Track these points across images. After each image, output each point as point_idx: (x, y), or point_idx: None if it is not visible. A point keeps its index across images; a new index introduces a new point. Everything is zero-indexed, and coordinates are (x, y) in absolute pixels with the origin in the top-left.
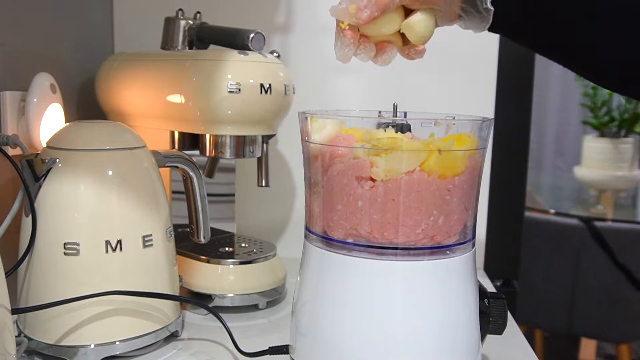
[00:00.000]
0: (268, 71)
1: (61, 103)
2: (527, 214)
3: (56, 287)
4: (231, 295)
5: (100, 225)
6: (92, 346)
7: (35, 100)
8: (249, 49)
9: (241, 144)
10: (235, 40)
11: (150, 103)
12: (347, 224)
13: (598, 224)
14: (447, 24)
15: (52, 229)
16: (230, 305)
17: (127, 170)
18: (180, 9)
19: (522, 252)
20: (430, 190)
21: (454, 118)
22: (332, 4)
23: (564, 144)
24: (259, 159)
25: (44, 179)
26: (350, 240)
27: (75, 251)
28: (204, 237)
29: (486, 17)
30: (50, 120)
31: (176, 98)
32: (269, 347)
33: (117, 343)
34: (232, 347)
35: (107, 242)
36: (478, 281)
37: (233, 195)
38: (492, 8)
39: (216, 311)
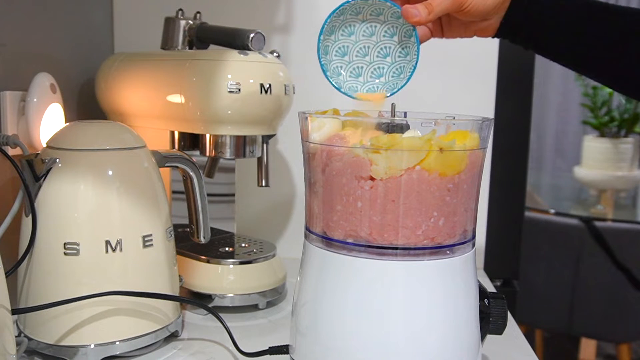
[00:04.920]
0: (268, 71)
1: (61, 103)
2: (527, 214)
3: (56, 287)
4: (231, 295)
5: (100, 225)
6: (92, 346)
7: (35, 100)
8: (249, 49)
9: (241, 144)
10: (235, 40)
11: (150, 103)
12: (346, 225)
13: (598, 224)
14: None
15: (52, 229)
16: (230, 305)
17: (127, 170)
18: (180, 9)
19: (522, 252)
20: (430, 190)
21: (454, 118)
22: (332, 4)
23: (564, 144)
24: (259, 159)
25: (44, 179)
26: (350, 240)
27: (75, 251)
28: (204, 237)
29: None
30: (50, 120)
31: (176, 98)
32: (269, 347)
33: (117, 343)
34: (232, 347)
35: (107, 242)
36: (478, 281)
37: (233, 195)
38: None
39: (216, 311)
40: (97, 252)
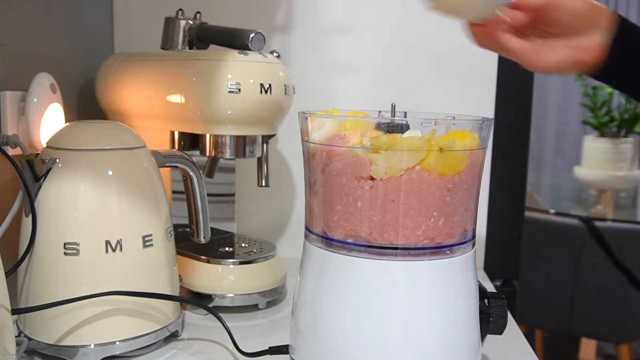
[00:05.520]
0: (268, 71)
1: (61, 103)
2: (527, 214)
3: (56, 287)
4: (231, 295)
5: (100, 225)
6: (92, 346)
7: (35, 100)
8: (249, 49)
9: (241, 144)
10: (235, 40)
11: (150, 103)
12: (346, 225)
13: (598, 224)
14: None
15: (52, 229)
16: (230, 305)
17: (127, 170)
18: (180, 9)
19: (522, 252)
20: (430, 190)
21: (454, 118)
22: (332, 4)
23: (564, 144)
24: (259, 159)
25: (44, 179)
26: (350, 240)
27: (75, 251)
28: (204, 237)
29: None
30: (50, 120)
31: (176, 98)
32: (269, 347)
33: (117, 343)
34: (232, 347)
35: (107, 242)
36: (478, 281)
37: (233, 195)
38: None
39: (216, 311)
40: (97, 252)
